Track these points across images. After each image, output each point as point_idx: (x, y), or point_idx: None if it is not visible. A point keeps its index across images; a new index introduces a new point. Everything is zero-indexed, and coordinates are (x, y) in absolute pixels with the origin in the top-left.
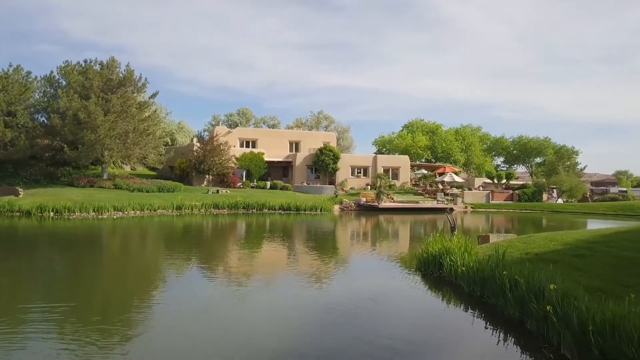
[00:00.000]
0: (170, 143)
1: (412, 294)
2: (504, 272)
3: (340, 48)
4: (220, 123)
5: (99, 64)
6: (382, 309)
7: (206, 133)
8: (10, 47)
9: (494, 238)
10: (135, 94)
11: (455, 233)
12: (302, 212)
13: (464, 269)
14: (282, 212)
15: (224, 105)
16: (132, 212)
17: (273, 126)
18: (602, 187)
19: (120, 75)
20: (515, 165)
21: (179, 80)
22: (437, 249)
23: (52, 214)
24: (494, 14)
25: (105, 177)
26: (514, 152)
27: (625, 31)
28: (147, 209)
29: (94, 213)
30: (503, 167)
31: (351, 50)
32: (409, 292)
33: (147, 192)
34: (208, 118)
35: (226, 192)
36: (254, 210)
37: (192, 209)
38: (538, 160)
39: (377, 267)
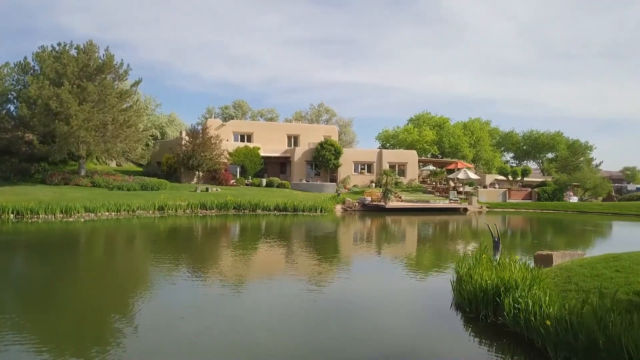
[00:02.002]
0: (160, 137)
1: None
2: None
3: (342, 44)
4: (213, 116)
5: (75, 48)
6: None
7: (200, 127)
8: (11, 43)
9: (558, 258)
10: (116, 82)
11: (500, 251)
12: (300, 213)
13: (548, 323)
14: (278, 213)
15: (225, 100)
16: (107, 213)
17: (271, 119)
18: (617, 184)
19: (99, 60)
20: (526, 161)
21: (180, 76)
22: (487, 280)
23: (11, 216)
24: (497, 10)
25: (82, 173)
26: (524, 147)
27: (628, 27)
28: (124, 210)
29: (61, 215)
30: (512, 163)
31: (353, 45)
32: (458, 353)
33: (129, 190)
34: (204, 112)
35: (217, 190)
36: (246, 211)
37: (176, 210)
38: (550, 155)
39: (399, 299)
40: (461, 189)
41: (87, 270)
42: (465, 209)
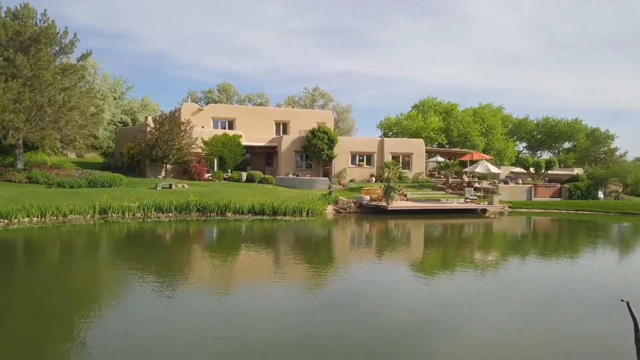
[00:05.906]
0: (131, 123)
1: None
2: None
3: (344, 34)
4: (190, 99)
5: (6, 13)
6: None
7: (177, 113)
8: None
9: None
10: (61, 56)
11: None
12: (281, 217)
13: None
14: (253, 217)
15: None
16: (26, 219)
17: (260, 105)
18: None
19: (35, 27)
20: (540, 151)
21: (182, 66)
22: None
23: None
24: (500, 0)
25: (19, 166)
26: (538, 136)
27: (631, 18)
28: (51, 215)
29: None
30: (525, 152)
31: (355, 36)
32: None
33: (71, 187)
34: (185, 97)
35: (183, 186)
36: (213, 215)
37: (123, 213)
38: (567, 145)
39: None
40: (478, 185)
41: None
42: (484, 210)
